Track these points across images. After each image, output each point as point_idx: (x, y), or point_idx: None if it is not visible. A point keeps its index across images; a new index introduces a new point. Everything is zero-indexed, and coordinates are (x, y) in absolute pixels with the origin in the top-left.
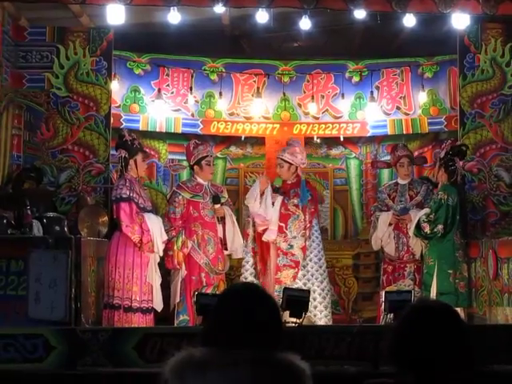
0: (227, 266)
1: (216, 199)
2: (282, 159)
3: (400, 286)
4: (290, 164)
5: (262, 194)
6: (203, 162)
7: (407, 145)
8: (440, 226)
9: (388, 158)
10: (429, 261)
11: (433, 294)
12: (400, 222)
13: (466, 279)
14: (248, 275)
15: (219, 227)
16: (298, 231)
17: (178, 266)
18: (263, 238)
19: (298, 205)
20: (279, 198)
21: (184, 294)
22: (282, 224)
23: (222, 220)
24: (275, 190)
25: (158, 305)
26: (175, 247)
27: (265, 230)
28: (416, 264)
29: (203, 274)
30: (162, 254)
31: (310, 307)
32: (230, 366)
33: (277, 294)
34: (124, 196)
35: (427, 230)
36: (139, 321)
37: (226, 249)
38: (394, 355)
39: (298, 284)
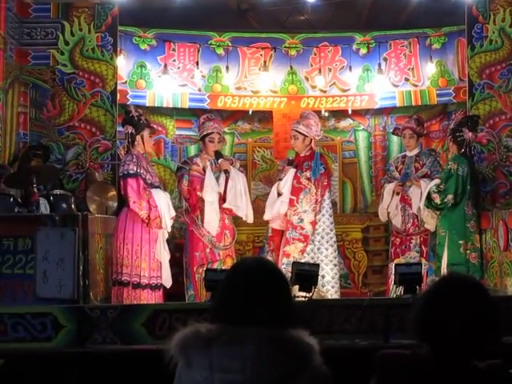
0: (235, 240)
1: (218, 155)
2: (296, 131)
3: (406, 259)
4: (305, 136)
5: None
6: (207, 139)
7: (419, 118)
8: (450, 196)
9: None
10: (440, 231)
11: (444, 264)
12: (404, 191)
13: (478, 250)
14: None
15: (222, 180)
16: (309, 205)
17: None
18: (270, 225)
19: (310, 178)
20: (291, 171)
21: (189, 270)
22: (293, 197)
23: (228, 174)
24: (288, 163)
25: (167, 281)
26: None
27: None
28: (422, 236)
29: (208, 250)
30: (170, 229)
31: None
32: (235, 343)
33: (284, 267)
34: (131, 172)
35: (437, 200)
36: (148, 297)
37: (225, 201)
38: (419, 327)
39: (306, 258)
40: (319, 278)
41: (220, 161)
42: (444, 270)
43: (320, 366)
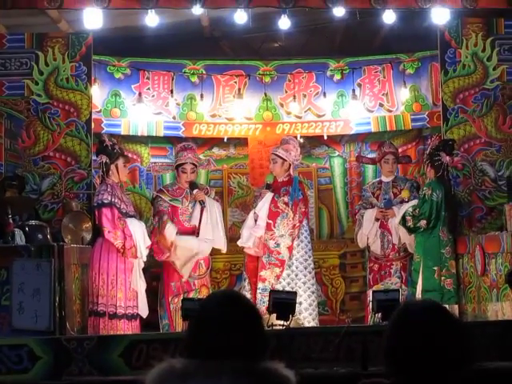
0: (209, 269)
1: (193, 185)
2: (275, 155)
3: (387, 285)
4: (284, 160)
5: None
6: (179, 169)
7: (393, 142)
8: (423, 222)
9: (373, 155)
10: (415, 257)
11: (418, 291)
12: (385, 217)
13: (453, 276)
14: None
15: (197, 212)
16: (285, 230)
17: (166, 253)
18: (245, 250)
19: (287, 203)
20: (269, 195)
21: (164, 300)
22: (270, 221)
23: (203, 205)
24: (266, 187)
25: (144, 311)
26: (157, 233)
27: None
28: (402, 262)
29: (183, 280)
30: (145, 259)
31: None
32: (210, 377)
33: (259, 292)
34: (105, 201)
35: (410, 223)
36: (125, 327)
37: (198, 234)
38: (387, 357)
39: (282, 283)
40: (296, 304)
41: (195, 191)
42: (419, 295)
43: None
